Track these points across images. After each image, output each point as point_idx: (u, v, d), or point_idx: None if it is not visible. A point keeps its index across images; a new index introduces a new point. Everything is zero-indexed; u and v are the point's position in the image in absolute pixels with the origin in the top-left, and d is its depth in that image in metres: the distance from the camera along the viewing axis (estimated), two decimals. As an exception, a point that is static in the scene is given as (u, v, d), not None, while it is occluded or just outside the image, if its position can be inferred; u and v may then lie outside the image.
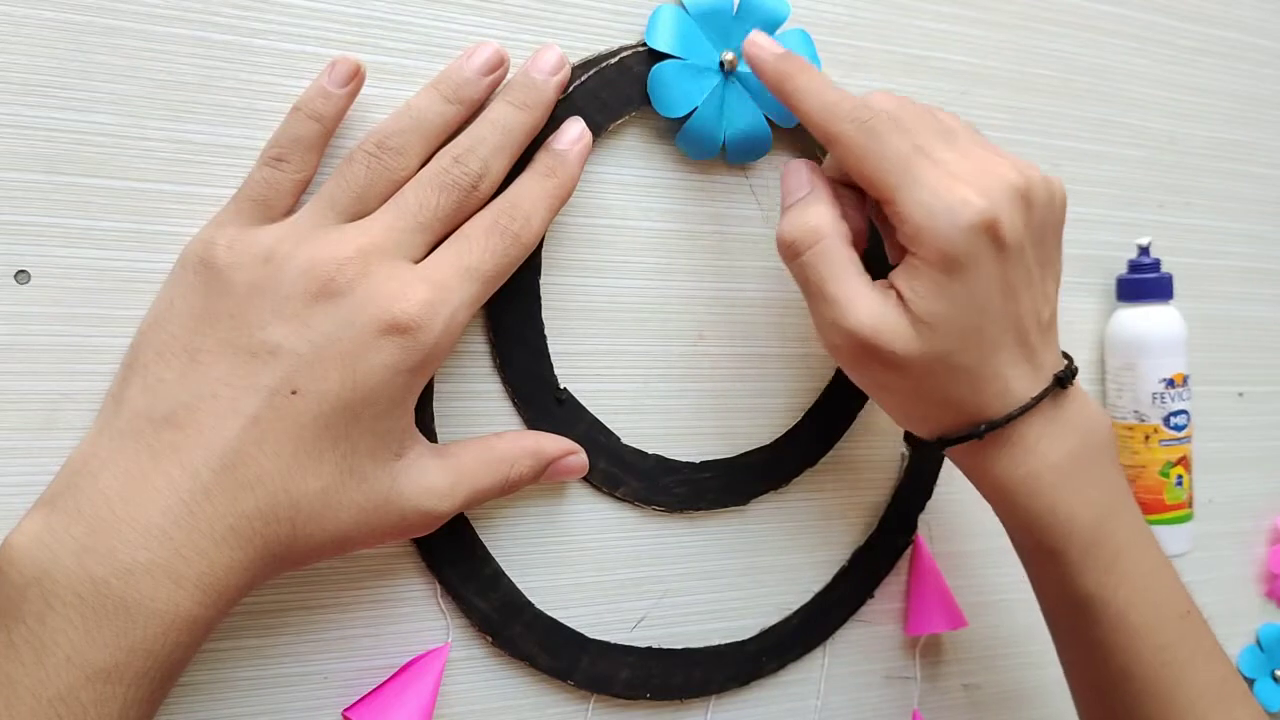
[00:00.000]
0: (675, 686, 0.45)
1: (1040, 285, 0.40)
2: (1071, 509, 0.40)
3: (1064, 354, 0.42)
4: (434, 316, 0.34)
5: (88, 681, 0.30)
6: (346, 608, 0.39)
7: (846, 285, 0.38)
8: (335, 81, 0.37)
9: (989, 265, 0.37)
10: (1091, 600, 0.40)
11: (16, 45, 0.34)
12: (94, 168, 0.35)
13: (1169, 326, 0.54)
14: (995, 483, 0.41)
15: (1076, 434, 0.40)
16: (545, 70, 0.39)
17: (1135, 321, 0.54)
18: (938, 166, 0.37)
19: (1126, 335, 0.54)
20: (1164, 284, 0.54)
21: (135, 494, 0.31)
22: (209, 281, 0.34)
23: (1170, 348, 0.53)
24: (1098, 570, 0.40)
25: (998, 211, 0.37)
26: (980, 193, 0.37)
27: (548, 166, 0.39)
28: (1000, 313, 0.38)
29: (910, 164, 0.37)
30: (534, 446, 0.40)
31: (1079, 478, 0.40)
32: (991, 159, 0.39)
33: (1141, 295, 0.54)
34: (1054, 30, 0.53)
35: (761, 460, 0.46)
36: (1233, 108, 0.59)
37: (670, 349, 0.45)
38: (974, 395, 0.39)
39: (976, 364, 0.38)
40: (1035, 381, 0.40)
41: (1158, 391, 0.53)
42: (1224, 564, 0.60)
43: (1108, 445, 0.41)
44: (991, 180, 0.38)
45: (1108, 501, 0.41)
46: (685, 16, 0.42)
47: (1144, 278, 0.54)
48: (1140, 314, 0.54)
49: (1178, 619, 0.41)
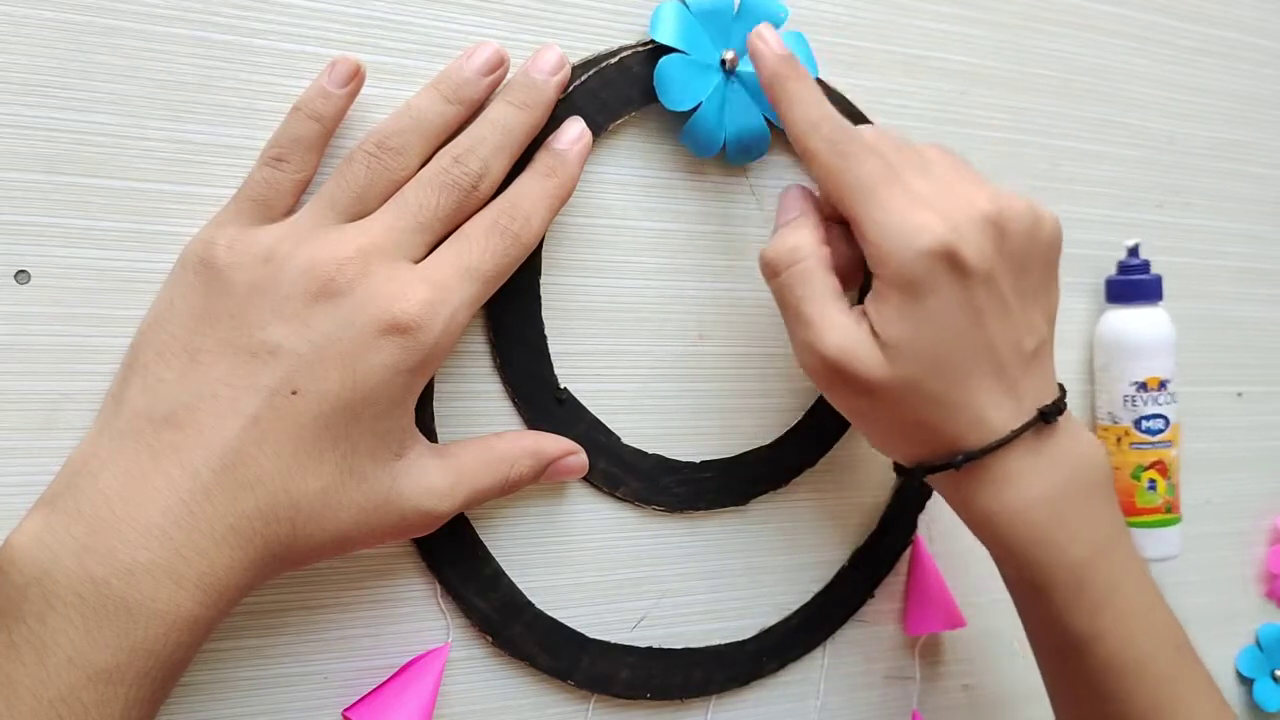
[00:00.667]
0: (675, 686, 0.45)
1: (1021, 315, 0.39)
2: (1058, 545, 0.39)
3: (1059, 385, 0.41)
4: (434, 317, 0.34)
5: (89, 682, 0.29)
6: (346, 608, 0.39)
7: (821, 307, 0.38)
8: (335, 81, 0.37)
9: (950, 290, 0.37)
10: (1082, 639, 0.40)
11: (16, 45, 0.34)
12: (94, 168, 0.35)
13: (1149, 329, 0.53)
14: (977, 515, 0.41)
15: (1064, 468, 0.40)
16: (545, 70, 0.39)
17: (1115, 323, 0.54)
18: (906, 193, 0.38)
19: (1106, 337, 0.54)
20: (1150, 286, 0.53)
21: (135, 494, 0.31)
22: (209, 281, 0.34)
23: (1147, 351, 0.53)
24: (1088, 609, 0.39)
25: (958, 237, 0.37)
26: (942, 218, 0.37)
27: (548, 166, 0.39)
28: (969, 340, 0.38)
29: (876, 188, 0.37)
30: (534, 446, 0.40)
31: (1066, 513, 0.39)
32: (966, 188, 0.39)
33: (1126, 297, 0.54)
34: (1054, 30, 0.53)
35: (761, 460, 0.46)
36: (1233, 108, 0.59)
37: (670, 349, 0.45)
38: (948, 424, 0.39)
39: (946, 391, 0.38)
40: (1016, 413, 0.39)
41: (1129, 395, 0.53)
42: (1223, 564, 0.60)
43: (1102, 481, 0.41)
44: (958, 206, 0.38)
45: (1099, 539, 0.40)
46: (687, 13, 0.42)
47: (1129, 279, 0.54)
48: (1123, 316, 0.54)
49: (1172, 652, 0.41)
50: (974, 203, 0.38)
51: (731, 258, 0.46)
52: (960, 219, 0.37)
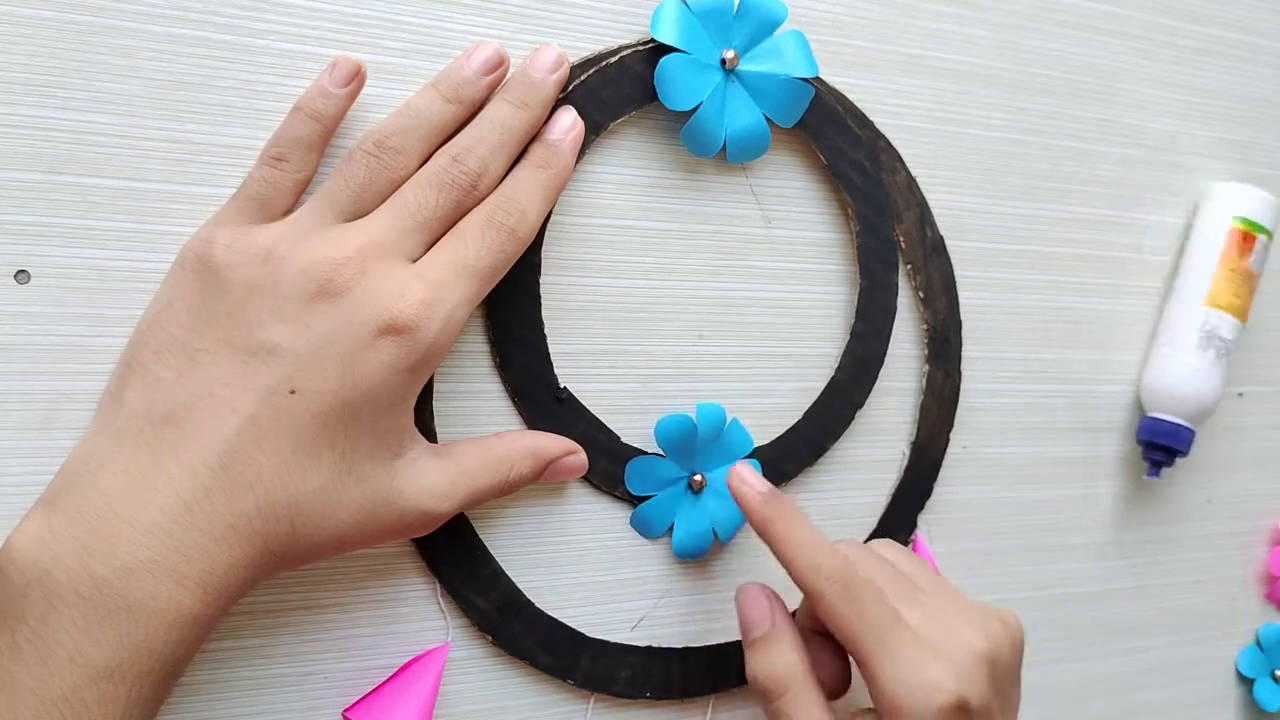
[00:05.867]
0: (675, 686, 0.45)
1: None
2: None
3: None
4: (432, 316, 0.34)
5: (91, 681, 0.30)
6: (346, 608, 0.40)
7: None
8: (336, 81, 0.37)
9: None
10: None
11: (16, 45, 0.34)
12: (94, 168, 0.35)
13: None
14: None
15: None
16: (544, 69, 0.39)
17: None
18: (910, 633, 0.38)
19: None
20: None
21: (135, 493, 0.31)
22: (207, 281, 0.34)
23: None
24: None
25: (967, 689, 0.37)
26: (952, 672, 0.37)
27: (541, 158, 0.39)
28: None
29: (887, 634, 0.38)
30: (534, 446, 0.40)
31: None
32: (952, 619, 0.40)
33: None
34: (1054, 30, 0.53)
35: (762, 460, 0.46)
36: (1233, 108, 0.59)
37: (670, 349, 0.45)
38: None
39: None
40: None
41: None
42: (1224, 564, 0.60)
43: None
44: (958, 649, 0.38)
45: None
46: (688, 12, 0.42)
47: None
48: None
49: None
50: (969, 642, 0.39)
51: (731, 258, 0.46)
52: (963, 666, 0.38)
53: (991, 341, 0.52)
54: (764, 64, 0.43)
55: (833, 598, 0.39)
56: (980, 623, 0.40)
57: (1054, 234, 0.53)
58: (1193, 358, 0.54)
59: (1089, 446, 0.55)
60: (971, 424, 0.52)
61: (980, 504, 0.52)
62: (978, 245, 0.51)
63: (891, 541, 0.45)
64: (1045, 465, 0.54)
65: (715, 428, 0.44)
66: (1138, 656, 0.58)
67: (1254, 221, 0.55)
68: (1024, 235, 0.53)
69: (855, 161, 0.47)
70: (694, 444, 0.44)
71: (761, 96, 0.43)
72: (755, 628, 0.41)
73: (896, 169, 0.48)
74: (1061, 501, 0.55)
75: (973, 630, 0.39)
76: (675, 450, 0.44)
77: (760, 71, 0.43)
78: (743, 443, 0.45)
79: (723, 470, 0.45)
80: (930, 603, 0.40)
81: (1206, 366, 0.53)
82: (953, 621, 0.40)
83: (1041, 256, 0.53)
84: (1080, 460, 0.55)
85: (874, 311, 0.48)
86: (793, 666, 0.40)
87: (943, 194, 0.50)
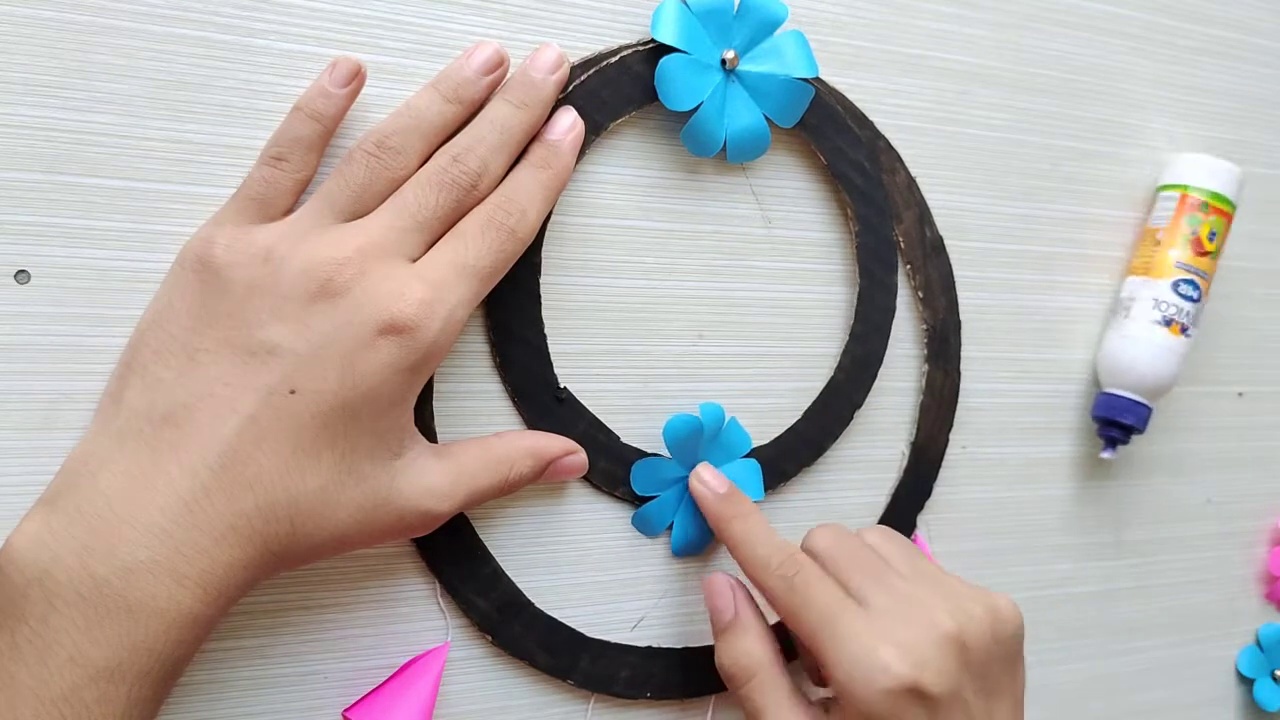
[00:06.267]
0: (675, 686, 0.45)
1: (986, 717, 0.39)
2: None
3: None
4: (432, 316, 0.34)
5: (91, 681, 0.30)
6: (346, 608, 0.40)
7: (783, 716, 0.39)
8: (336, 81, 0.37)
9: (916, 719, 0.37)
10: None
11: (16, 45, 0.34)
12: (94, 168, 0.35)
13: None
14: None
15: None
16: (544, 69, 0.39)
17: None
18: (865, 616, 0.38)
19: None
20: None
21: (135, 493, 0.31)
22: (207, 281, 0.34)
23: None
24: None
25: (920, 672, 0.36)
26: (903, 653, 0.37)
27: (541, 158, 0.39)
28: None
29: (835, 619, 0.38)
30: (534, 446, 0.40)
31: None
32: (924, 600, 0.39)
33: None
34: (1054, 30, 0.53)
35: (762, 460, 0.46)
36: (1233, 108, 0.59)
37: (670, 349, 0.45)
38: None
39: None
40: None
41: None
42: (1224, 564, 0.60)
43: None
44: (919, 628, 0.37)
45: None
46: (688, 13, 0.42)
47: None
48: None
49: None
50: (935, 622, 0.38)
51: (731, 258, 0.46)
52: (922, 646, 0.37)
53: (991, 341, 0.52)
54: (764, 64, 0.43)
55: (780, 592, 0.39)
56: (955, 605, 0.39)
57: (1054, 234, 0.53)
58: (1140, 329, 0.53)
59: (1089, 446, 0.55)
60: (971, 424, 0.52)
61: (980, 504, 0.52)
62: (977, 245, 0.51)
63: (885, 528, 0.44)
64: (1045, 465, 0.54)
65: (715, 427, 0.44)
66: (1138, 656, 0.58)
67: (1177, 184, 0.54)
68: (1024, 235, 0.53)
69: (855, 162, 0.47)
70: (697, 443, 0.44)
71: (761, 97, 0.43)
72: (720, 616, 0.42)
73: (896, 169, 0.48)
74: (1061, 501, 0.55)
75: (943, 612, 0.38)
76: (680, 450, 0.44)
77: (760, 72, 0.43)
78: (741, 442, 0.45)
79: (722, 469, 0.45)
80: (901, 586, 0.39)
81: (1152, 336, 0.52)
82: (923, 603, 0.39)
83: (1041, 256, 0.53)
84: (1080, 460, 0.55)
85: (873, 311, 0.48)
86: (756, 654, 0.40)
87: (942, 194, 0.50)
